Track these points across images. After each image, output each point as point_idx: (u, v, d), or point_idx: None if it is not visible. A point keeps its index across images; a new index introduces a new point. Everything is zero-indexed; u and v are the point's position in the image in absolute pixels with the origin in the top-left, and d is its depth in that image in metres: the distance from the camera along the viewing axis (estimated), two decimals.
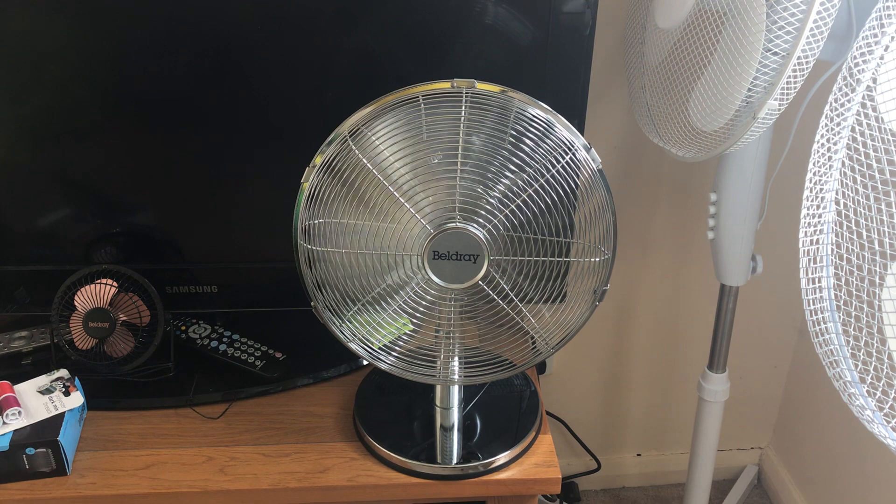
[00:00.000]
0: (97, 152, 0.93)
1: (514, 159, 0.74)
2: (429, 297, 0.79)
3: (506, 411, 0.96)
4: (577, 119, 0.94)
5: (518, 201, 0.74)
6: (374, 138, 0.74)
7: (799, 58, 0.70)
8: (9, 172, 0.93)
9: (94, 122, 0.92)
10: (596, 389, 1.54)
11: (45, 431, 0.86)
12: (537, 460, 0.90)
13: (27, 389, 0.91)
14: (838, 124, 0.61)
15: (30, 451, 0.84)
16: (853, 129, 0.59)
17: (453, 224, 0.75)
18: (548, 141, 0.74)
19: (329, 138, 0.76)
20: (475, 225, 0.75)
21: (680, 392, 1.54)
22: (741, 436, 1.62)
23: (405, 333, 0.83)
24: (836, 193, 0.61)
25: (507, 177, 0.74)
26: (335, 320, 0.82)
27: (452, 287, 0.78)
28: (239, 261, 1.02)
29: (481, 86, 0.73)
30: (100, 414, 0.95)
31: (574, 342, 0.82)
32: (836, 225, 0.61)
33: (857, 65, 0.60)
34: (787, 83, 0.72)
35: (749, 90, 0.75)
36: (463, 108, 0.73)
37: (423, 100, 0.73)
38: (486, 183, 0.74)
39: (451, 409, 0.92)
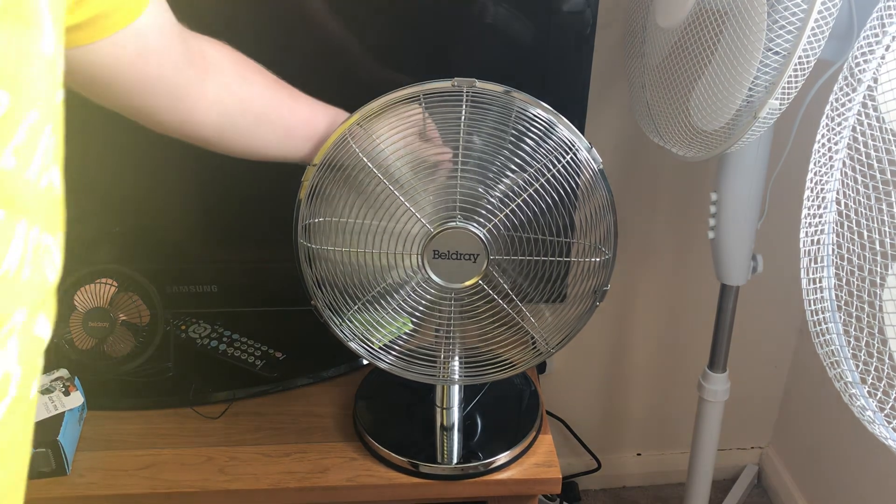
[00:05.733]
0: (97, 151, 0.93)
1: (515, 159, 0.73)
2: (428, 297, 0.79)
3: (506, 411, 0.96)
4: (578, 119, 0.94)
5: (518, 201, 0.74)
6: (374, 137, 0.74)
7: (800, 57, 0.70)
8: None
9: (93, 121, 0.91)
10: (596, 389, 1.54)
11: (45, 431, 0.85)
12: (537, 460, 0.89)
13: None
14: (839, 124, 0.61)
15: None
16: (854, 129, 0.59)
17: (453, 223, 0.75)
18: (549, 141, 0.74)
19: (329, 136, 0.75)
20: (475, 224, 0.75)
21: (680, 392, 1.54)
22: (741, 436, 1.62)
23: (405, 333, 0.83)
24: (837, 193, 0.61)
25: (507, 176, 0.74)
26: (335, 319, 0.82)
27: (452, 286, 0.78)
28: (239, 260, 1.01)
29: (482, 85, 0.73)
30: (99, 414, 0.95)
31: (574, 342, 0.82)
32: (836, 225, 0.61)
33: (857, 64, 0.60)
34: (788, 83, 0.72)
35: (750, 90, 0.75)
36: (464, 107, 0.73)
37: (424, 98, 0.73)
38: (486, 182, 0.74)
39: (452, 409, 0.92)
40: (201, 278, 1.01)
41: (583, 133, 0.94)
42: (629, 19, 1.08)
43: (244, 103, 0.70)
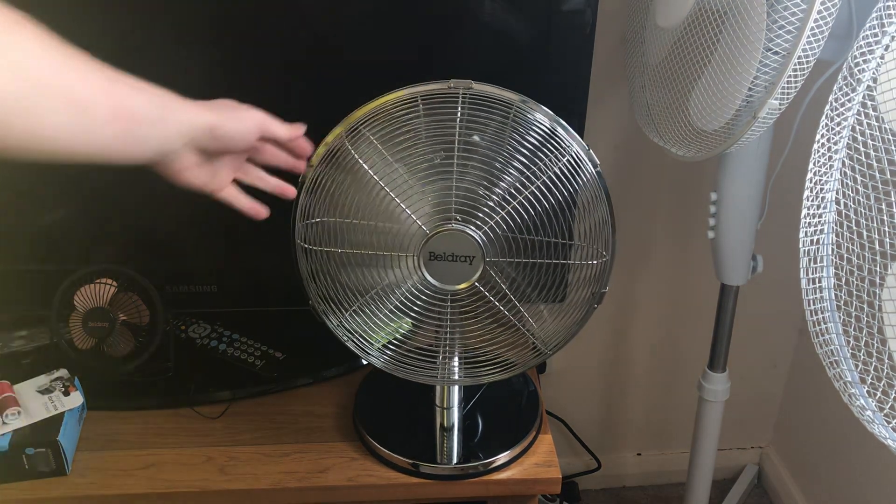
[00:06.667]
0: None
1: (512, 161, 0.73)
2: (426, 298, 0.79)
3: (506, 411, 0.96)
4: (577, 119, 0.94)
5: (514, 203, 0.74)
6: (372, 138, 0.74)
7: (799, 57, 0.70)
8: (9, 172, 0.93)
9: None
10: (596, 389, 1.54)
11: (45, 431, 0.86)
12: (537, 460, 0.89)
13: (27, 389, 0.91)
14: (839, 124, 0.61)
15: (29, 451, 0.84)
16: (853, 129, 0.59)
17: (449, 225, 0.75)
18: (546, 142, 0.74)
19: (326, 138, 0.75)
20: (471, 226, 0.75)
21: (680, 392, 1.54)
22: (741, 435, 1.62)
23: (405, 333, 0.83)
24: (837, 193, 0.61)
25: (504, 178, 0.74)
26: (334, 319, 0.82)
27: (448, 288, 0.77)
28: (239, 261, 1.01)
29: (478, 86, 0.73)
30: (99, 414, 0.95)
31: (574, 342, 0.82)
32: (836, 225, 0.61)
33: (857, 64, 0.60)
34: (788, 82, 0.72)
35: (749, 89, 0.75)
36: (459, 108, 0.73)
37: (422, 100, 0.73)
38: (483, 184, 0.74)
39: (452, 408, 0.92)
40: (201, 278, 1.01)
41: (583, 133, 0.94)
42: (629, 19, 1.08)
43: (13, 68, 0.53)
